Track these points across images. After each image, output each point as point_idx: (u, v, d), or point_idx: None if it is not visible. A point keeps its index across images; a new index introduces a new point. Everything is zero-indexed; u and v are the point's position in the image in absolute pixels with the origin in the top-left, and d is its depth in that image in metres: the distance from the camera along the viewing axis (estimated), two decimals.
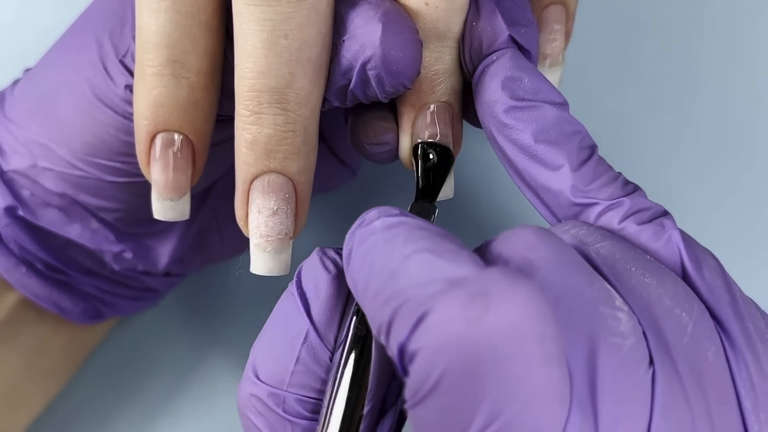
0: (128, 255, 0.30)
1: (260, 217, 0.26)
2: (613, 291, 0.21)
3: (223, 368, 0.37)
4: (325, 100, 0.26)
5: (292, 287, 0.24)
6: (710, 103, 0.38)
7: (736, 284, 0.23)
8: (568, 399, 0.19)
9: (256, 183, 0.25)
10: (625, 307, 0.20)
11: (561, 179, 0.24)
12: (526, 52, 0.26)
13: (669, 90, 0.38)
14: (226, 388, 0.36)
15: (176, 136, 0.26)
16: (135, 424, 0.36)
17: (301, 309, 0.23)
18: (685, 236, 0.23)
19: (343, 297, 0.24)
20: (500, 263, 0.21)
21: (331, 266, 0.24)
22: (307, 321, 0.23)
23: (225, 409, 0.36)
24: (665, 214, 0.24)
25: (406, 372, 0.19)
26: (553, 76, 0.30)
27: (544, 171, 0.24)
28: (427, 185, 0.26)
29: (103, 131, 0.28)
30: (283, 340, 0.23)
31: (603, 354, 0.19)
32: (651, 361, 0.20)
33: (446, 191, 0.27)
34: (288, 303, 0.24)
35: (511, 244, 0.21)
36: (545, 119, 0.24)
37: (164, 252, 0.31)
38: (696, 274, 0.22)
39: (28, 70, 0.31)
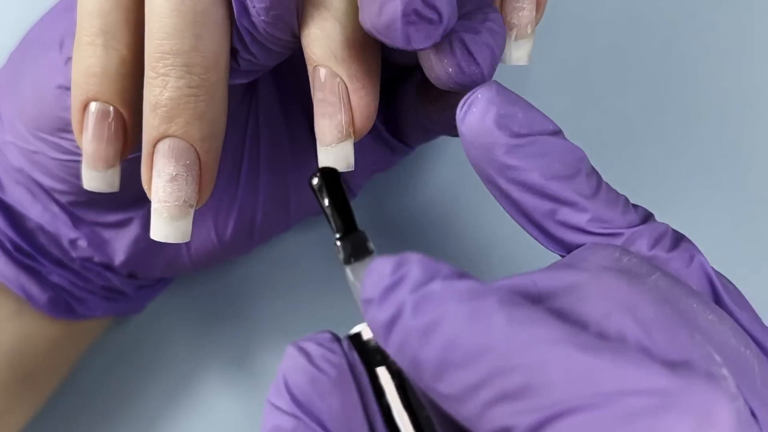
0: (83, 243, 0.30)
1: (159, 181, 0.25)
2: (701, 337, 0.19)
3: (223, 368, 0.37)
4: (236, 54, 0.25)
5: (283, 403, 0.21)
6: (711, 103, 0.37)
7: None
8: None
9: (159, 146, 0.25)
10: (720, 359, 0.19)
11: (577, 214, 0.23)
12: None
13: (669, 90, 0.37)
14: (226, 388, 0.36)
15: (106, 106, 0.26)
16: (135, 424, 0.36)
17: (318, 430, 0.20)
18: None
19: (355, 391, 0.21)
20: (611, 324, 0.18)
21: (327, 367, 0.21)
22: None
23: (225, 410, 0.36)
24: (682, 236, 0.23)
25: None
26: (521, 50, 0.27)
27: (558, 207, 0.23)
28: (342, 218, 0.23)
29: (45, 105, 0.28)
30: None
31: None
32: (753, 416, 0.19)
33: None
34: (288, 423, 0.20)
35: (609, 298, 0.19)
36: (550, 153, 0.23)
37: (120, 246, 0.31)
38: (731, 302, 0.22)
39: None
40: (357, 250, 0.23)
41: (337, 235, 0.23)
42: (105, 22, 0.25)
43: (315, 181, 0.23)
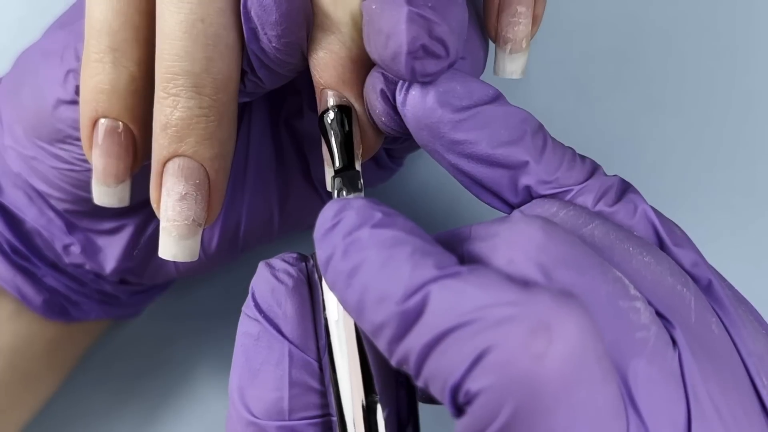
0: (76, 249, 0.31)
1: (168, 200, 0.25)
2: (623, 278, 0.20)
3: (221, 368, 0.37)
4: (243, 76, 0.26)
5: (250, 311, 0.23)
6: (711, 103, 0.37)
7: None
8: (623, 408, 0.19)
9: (169, 165, 0.25)
10: (638, 294, 0.20)
11: (526, 176, 0.23)
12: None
13: (669, 90, 0.37)
14: (224, 389, 0.36)
15: (115, 122, 0.26)
16: (133, 423, 0.36)
17: (274, 333, 0.23)
18: (653, 209, 0.23)
19: (308, 301, 0.23)
20: (515, 268, 0.20)
21: (285, 278, 0.23)
22: (286, 343, 0.23)
23: (223, 410, 0.36)
24: (628, 186, 0.24)
25: (460, 411, 0.19)
26: (515, 64, 0.27)
27: (506, 174, 0.23)
28: (348, 153, 0.25)
29: (44, 116, 0.28)
30: (267, 368, 0.23)
31: (633, 353, 0.19)
32: (674, 343, 0.20)
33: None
34: (254, 328, 0.23)
35: (517, 244, 0.20)
36: (493, 121, 0.23)
37: (111, 254, 0.31)
38: (675, 248, 0.22)
39: None
40: (348, 186, 0.24)
41: (336, 167, 0.24)
42: (114, 40, 0.25)
43: (330, 114, 0.24)
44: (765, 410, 0.21)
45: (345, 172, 0.24)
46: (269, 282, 0.23)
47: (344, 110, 0.24)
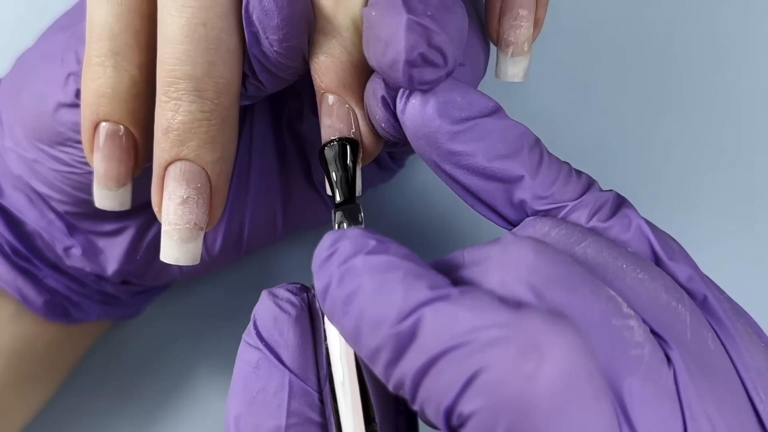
0: (77, 252, 0.31)
1: (170, 204, 0.25)
2: (617, 296, 0.20)
3: (220, 368, 0.37)
4: (244, 80, 0.26)
5: (251, 339, 0.23)
6: (710, 103, 0.37)
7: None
8: (617, 426, 0.19)
9: (170, 169, 0.25)
10: (632, 311, 0.20)
11: (521, 191, 0.23)
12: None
13: (669, 90, 0.37)
14: (223, 389, 0.36)
15: (116, 126, 0.26)
16: (132, 424, 0.36)
17: (275, 361, 0.23)
18: (648, 223, 0.23)
19: (309, 331, 0.23)
20: (507, 290, 0.20)
21: (288, 307, 0.24)
22: (286, 372, 0.23)
23: (221, 410, 0.36)
24: (623, 201, 0.24)
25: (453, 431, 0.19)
26: (517, 67, 0.27)
27: (501, 187, 0.23)
28: (349, 187, 0.25)
29: (44, 119, 0.28)
30: (265, 397, 0.23)
31: (628, 371, 0.19)
32: (668, 360, 0.20)
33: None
34: (254, 356, 0.23)
35: (508, 266, 0.20)
36: (491, 134, 0.23)
37: (113, 256, 0.31)
38: (670, 262, 0.22)
39: None
40: (348, 219, 0.25)
41: (337, 201, 0.25)
42: (115, 44, 0.25)
43: (331, 148, 0.25)
44: (762, 426, 0.21)
45: (346, 206, 0.25)
46: (272, 311, 0.24)
47: (346, 143, 0.25)
